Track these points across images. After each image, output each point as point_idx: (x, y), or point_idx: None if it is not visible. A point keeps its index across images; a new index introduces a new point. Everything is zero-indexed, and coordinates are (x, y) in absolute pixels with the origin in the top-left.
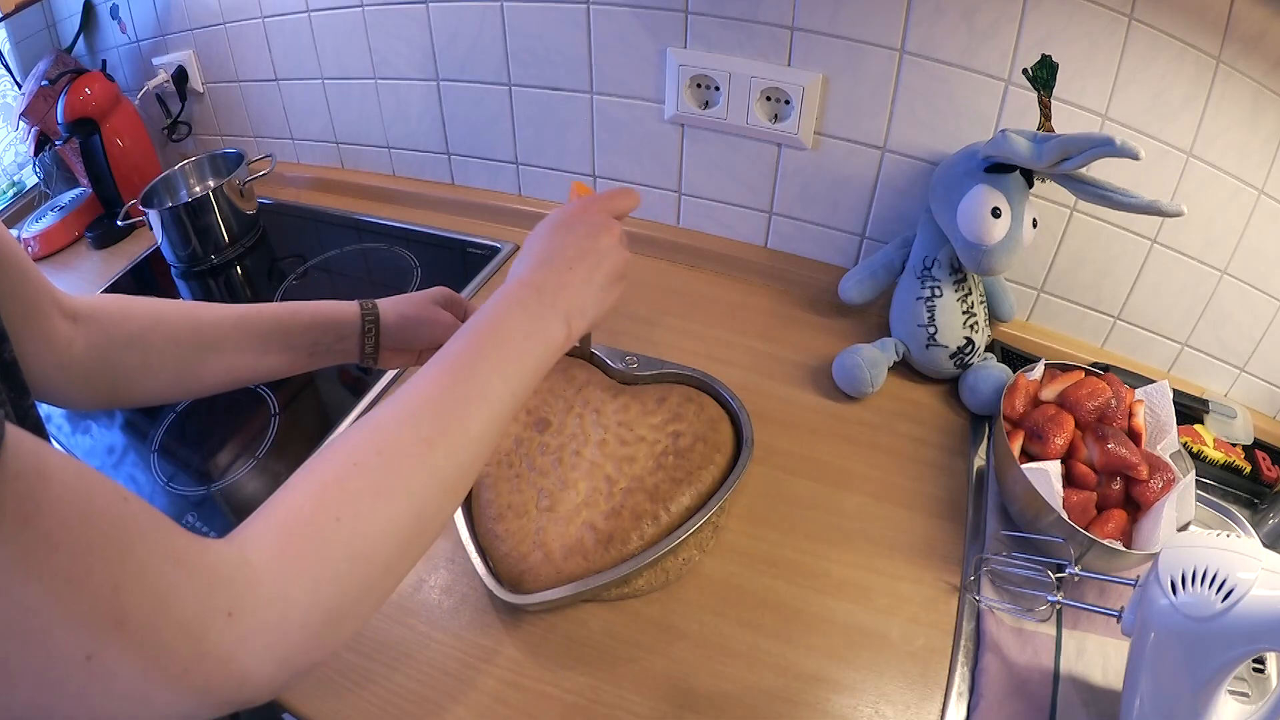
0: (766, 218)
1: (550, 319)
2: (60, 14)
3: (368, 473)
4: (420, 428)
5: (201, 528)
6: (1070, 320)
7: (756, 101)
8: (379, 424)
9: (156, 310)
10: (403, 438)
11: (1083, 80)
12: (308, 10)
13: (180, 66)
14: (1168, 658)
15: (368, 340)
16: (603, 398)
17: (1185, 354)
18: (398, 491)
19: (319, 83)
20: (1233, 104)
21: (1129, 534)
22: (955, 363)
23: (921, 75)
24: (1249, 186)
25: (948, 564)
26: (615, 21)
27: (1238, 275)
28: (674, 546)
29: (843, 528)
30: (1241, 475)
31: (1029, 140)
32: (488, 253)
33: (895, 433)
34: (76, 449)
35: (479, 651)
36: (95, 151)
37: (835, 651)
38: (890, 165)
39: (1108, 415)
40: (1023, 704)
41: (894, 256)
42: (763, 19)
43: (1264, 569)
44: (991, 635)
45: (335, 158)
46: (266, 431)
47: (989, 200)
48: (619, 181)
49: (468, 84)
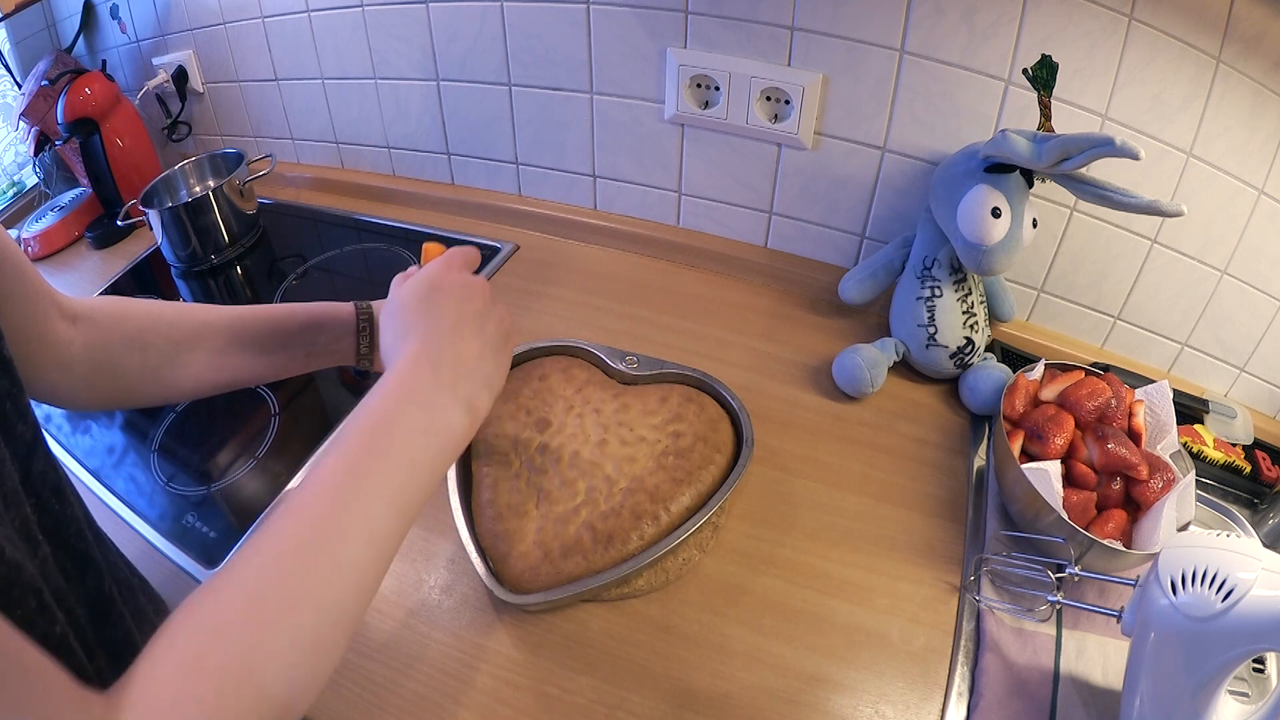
0: (766, 218)
1: (450, 406)
2: (60, 14)
3: (236, 630)
4: (287, 583)
5: (201, 528)
6: (1070, 320)
7: (756, 101)
8: (247, 570)
9: (153, 312)
10: (267, 597)
11: (1083, 80)
12: (308, 10)
13: (180, 66)
14: (1168, 658)
15: (362, 340)
16: (603, 397)
17: (1185, 354)
18: (265, 653)
19: (319, 83)
20: (1233, 104)
21: (1129, 534)
22: (955, 363)
23: (922, 75)
24: (1249, 186)
25: (948, 564)
26: (615, 21)
27: (1238, 275)
28: (674, 546)
29: (843, 528)
30: (1241, 475)
31: (1029, 140)
32: (488, 253)
33: (895, 433)
34: (76, 449)
35: (479, 651)
36: (95, 151)
37: (835, 651)
38: (890, 165)
39: (1108, 415)
40: (1023, 704)
41: (894, 256)
42: (763, 19)
43: (1264, 569)
44: (991, 635)
45: (335, 158)
46: (266, 431)
47: (989, 200)
48: (617, 181)
49: (468, 84)
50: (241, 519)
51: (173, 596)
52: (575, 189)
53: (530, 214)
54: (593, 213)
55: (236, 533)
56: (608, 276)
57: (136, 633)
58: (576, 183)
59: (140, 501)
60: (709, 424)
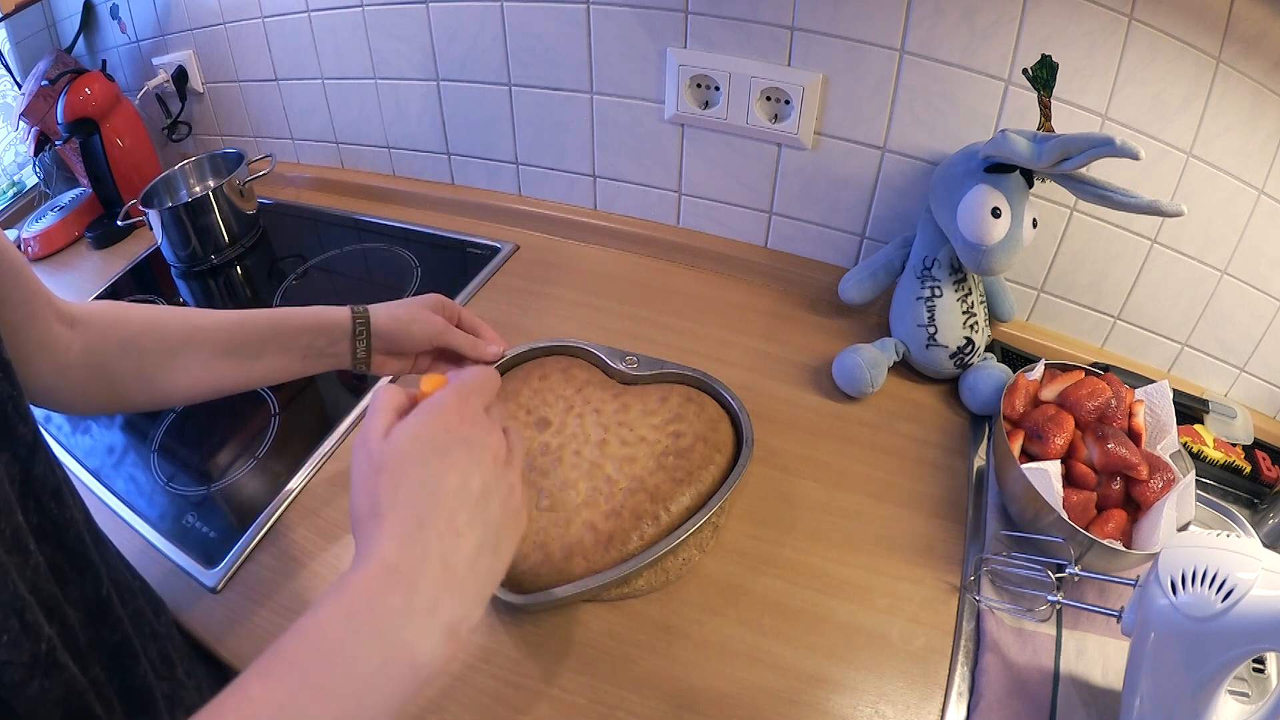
0: (766, 218)
1: (422, 637)
2: (60, 14)
3: None
4: None
5: (201, 528)
6: (1070, 320)
7: (756, 101)
8: None
9: (149, 316)
10: None
11: (1083, 80)
12: (307, 10)
13: (180, 66)
14: (1168, 658)
15: (359, 343)
16: (603, 397)
17: (1185, 354)
18: None
19: (319, 83)
20: (1232, 104)
21: (1129, 534)
22: (955, 363)
23: (922, 75)
24: (1249, 186)
25: (948, 564)
26: (615, 21)
27: (1238, 275)
28: (674, 546)
29: (843, 527)
30: (1241, 475)
31: (1029, 140)
32: (488, 253)
33: (895, 433)
34: (76, 449)
35: (479, 651)
36: (95, 151)
37: (835, 651)
38: (890, 165)
39: (1108, 415)
40: (1023, 704)
41: (894, 256)
42: (763, 19)
43: (1264, 569)
44: (991, 635)
45: (335, 158)
46: (266, 432)
47: (989, 200)
48: (617, 181)
49: (468, 84)
50: (241, 519)
51: (173, 596)
52: (575, 189)
53: (530, 214)
54: (593, 213)
55: (236, 532)
56: (608, 276)
57: (135, 637)
58: (576, 183)
59: (140, 501)
60: (709, 424)
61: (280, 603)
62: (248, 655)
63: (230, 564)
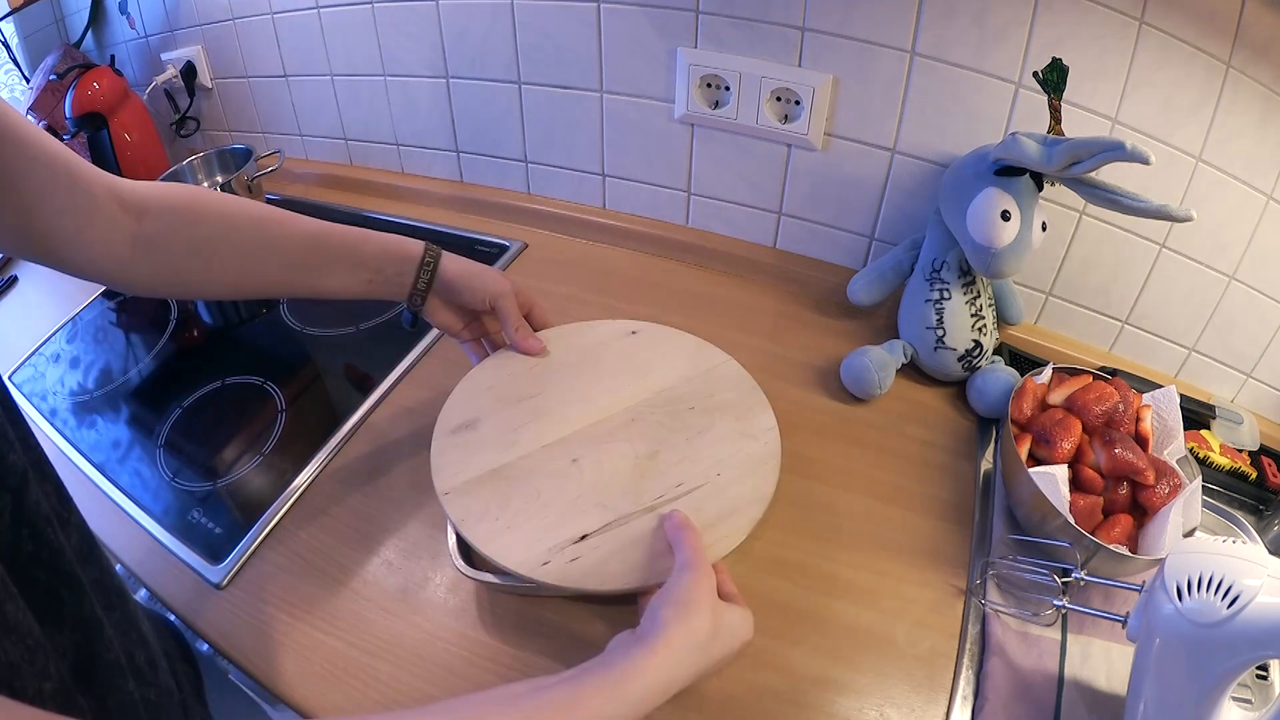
0: (775, 218)
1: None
2: (69, 9)
3: None
4: None
5: (207, 523)
6: (1078, 324)
7: (766, 102)
8: None
9: (226, 220)
10: None
11: (1093, 84)
12: (317, 7)
13: (189, 62)
14: (1172, 663)
15: (422, 277)
16: None
17: (1193, 359)
18: None
19: (328, 79)
20: (1242, 109)
21: (1135, 539)
22: (963, 365)
23: (932, 77)
24: (1258, 192)
25: (954, 567)
26: (626, 21)
27: (1246, 281)
28: None
29: (849, 530)
30: (1247, 481)
31: (1039, 143)
32: (496, 250)
33: (902, 435)
34: (81, 443)
35: (483, 650)
36: (103, 146)
37: (840, 653)
38: (900, 167)
39: (1115, 420)
40: (1027, 708)
41: (903, 258)
42: (773, 19)
43: (1269, 576)
44: (997, 639)
45: (344, 154)
46: (273, 428)
47: (999, 203)
48: (627, 181)
49: (477, 81)
50: (247, 515)
51: (175, 592)
52: (584, 188)
53: (539, 212)
54: (602, 211)
55: (242, 529)
56: (616, 275)
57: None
58: (585, 181)
59: (145, 496)
60: None
61: (285, 599)
62: (251, 651)
63: (235, 560)
